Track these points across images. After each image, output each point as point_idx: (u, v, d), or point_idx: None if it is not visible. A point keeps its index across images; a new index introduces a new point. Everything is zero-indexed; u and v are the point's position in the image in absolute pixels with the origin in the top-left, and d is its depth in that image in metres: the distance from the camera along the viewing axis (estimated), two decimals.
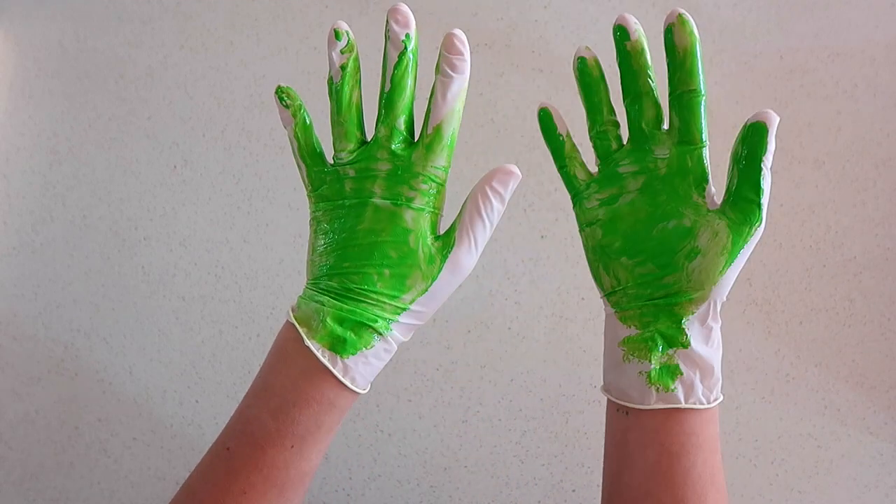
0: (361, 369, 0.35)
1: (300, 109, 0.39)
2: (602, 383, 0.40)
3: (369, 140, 0.37)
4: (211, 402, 0.73)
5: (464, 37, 0.35)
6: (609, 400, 0.39)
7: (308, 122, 0.40)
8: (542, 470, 0.72)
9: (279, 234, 0.73)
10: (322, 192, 0.38)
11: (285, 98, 0.38)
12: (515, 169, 0.36)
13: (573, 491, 0.72)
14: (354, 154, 0.37)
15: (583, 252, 0.41)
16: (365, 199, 0.36)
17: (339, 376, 0.34)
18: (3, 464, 0.72)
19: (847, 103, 0.73)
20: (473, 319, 0.72)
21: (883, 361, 0.72)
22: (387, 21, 0.35)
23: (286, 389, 0.35)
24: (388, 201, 0.36)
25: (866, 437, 0.71)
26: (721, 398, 0.36)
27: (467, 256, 0.36)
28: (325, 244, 0.37)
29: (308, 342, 0.35)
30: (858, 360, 0.72)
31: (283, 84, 0.39)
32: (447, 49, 0.35)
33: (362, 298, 0.35)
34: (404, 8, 0.35)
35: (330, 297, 0.35)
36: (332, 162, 0.38)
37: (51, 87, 0.75)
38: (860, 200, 0.73)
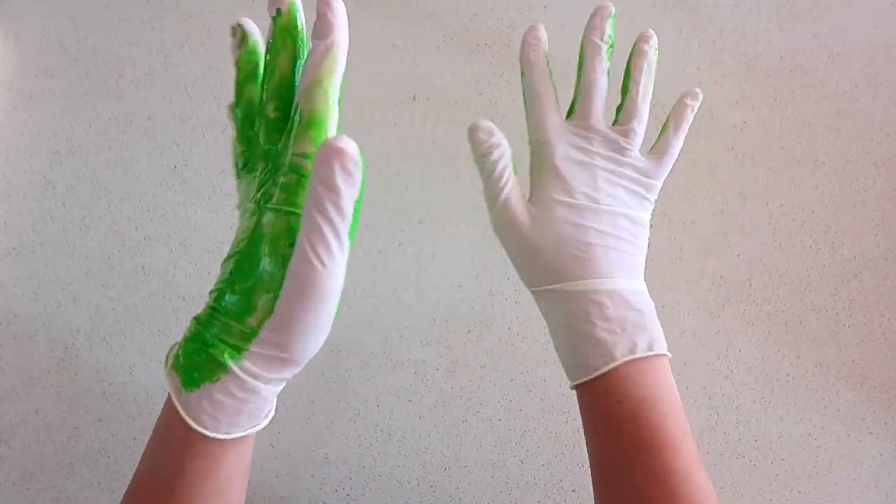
0: (205, 406, 0.30)
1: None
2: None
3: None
4: None
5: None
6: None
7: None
8: (542, 470, 0.72)
9: None
10: (247, 188, 0.34)
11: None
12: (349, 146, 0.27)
13: (573, 491, 0.72)
14: (245, 156, 0.34)
15: None
16: (244, 202, 0.33)
17: (181, 411, 0.30)
18: (3, 464, 0.72)
19: (847, 103, 0.73)
20: (473, 319, 0.72)
21: (883, 361, 0.72)
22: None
23: (157, 428, 0.32)
24: (255, 204, 0.31)
25: (866, 437, 0.71)
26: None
27: (307, 266, 0.28)
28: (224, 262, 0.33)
29: (165, 371, 0.31)
30: (858, 360, 0.72)
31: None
32: (317, 11, 0.29)
33: (212, 320, 0.30)
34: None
35: (195, 320, 0.32)
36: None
37: (51, 87, 0.75)
38: (860, 200, 0.73)
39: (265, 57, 0.32)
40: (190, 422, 0.30)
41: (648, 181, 0.43)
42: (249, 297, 0.29)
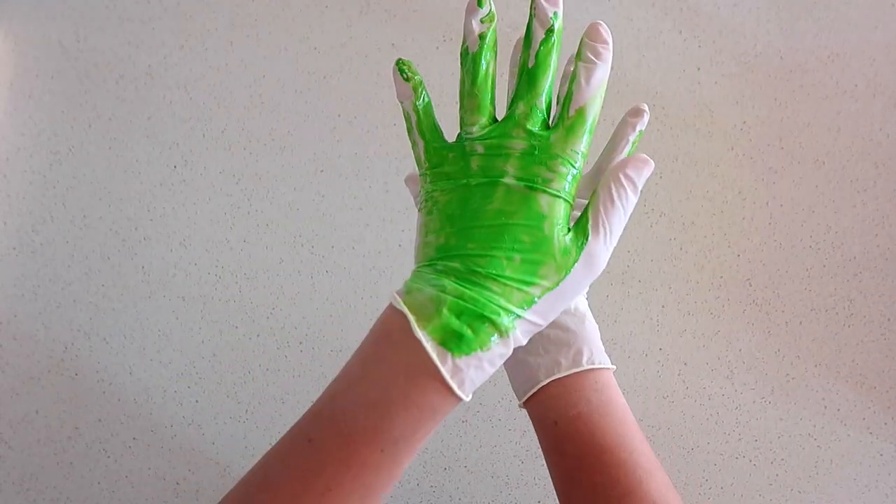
0: (472, 374, 0.31)
1: (421, 84, 0.36)
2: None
3: (501, 119, 0.34)
4: (211, 402, 0.73)
5: (607, 27, 0.33)
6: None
7: (428, 97, 0.36)
8: (542, 470, 0.72)
9: (279, 234, 0.73)
10: (442, 170, 0.34)
11: (406, 71, 0.35)
12: (649, 159, 0.33)
13: None
14: (486, 129, 0.33)
15: None
16: (495, 177, 0.32)
17: (447, 377, 0.30)
18: (3, 464, 0.72)
19: (847, 103, 0.73)
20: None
21: (883, 361, 0.72)
22: None
23: (387, 385, 0.31)
24: (523, 183, 0.32)
25: (866, 437, 0.71)
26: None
27: (603, 249, 0.32)
28: (443, 224, 0.33)
29: (418, 332, 0.30)
30: (858, 360, 0.72)
31: (402, 58, 0.37)
32: (591, 37, 0.33)
33: (488, 284, 0.31)
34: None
35: (451, 279, 0.31)
36: (455, 140, 0.35)
37: (51, 87, 0.75)
38: (860, 200, 0.73)
39: (536, 51, 0.33)
40: (457, 390, 0.30)
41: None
42: (536, 268, 0.31)
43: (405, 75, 0.35)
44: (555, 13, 0.32)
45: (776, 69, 0.74)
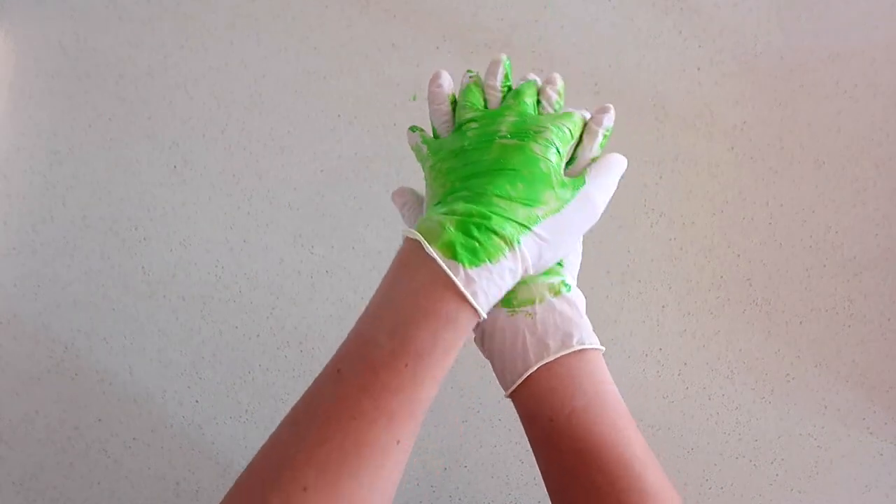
0: (484, 285, 0.32)
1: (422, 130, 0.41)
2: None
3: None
4: (211, 402, 0.73)
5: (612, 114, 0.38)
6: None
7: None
8: None
9: (279, 234, 0.73)
10: (441, 147, 0.38)
11: (417, 129, 0.41)
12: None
13: None
14: (479, 112, 0.38)
15: (584, 250, 0.41)
16: (490, 137, 0.36)
17: (461, 286, 0.32)
18: (3, 464, 0.72)
19: (847, 103, 0.73)
20: None
21: (883, 361, 0.72)
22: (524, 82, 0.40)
23: (404, 303, 0.32)
24: (515, 138, 0.35)
25: (866, 437, 0.71)
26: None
27: (598, 194, 0.36)
28: (446, 177, 0.36)
29: (429, 249, 0.32)
30: (858, 360, 0.72)
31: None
32: (600, 109, 0.37)
33: (495, 200, 0.33)
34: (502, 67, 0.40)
35: (460, 203, 0.34)
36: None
37: (51, 87, 0.75)
38: (860, 200, 0.73)
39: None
40: (470, 298, 0.32)
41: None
42: (537, 192, 0.34)
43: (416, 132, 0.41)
44: (506, 75, 0.40)
45: (776, 69, 0.74)
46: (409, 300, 0.32)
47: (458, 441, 0.72)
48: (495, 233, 0.33)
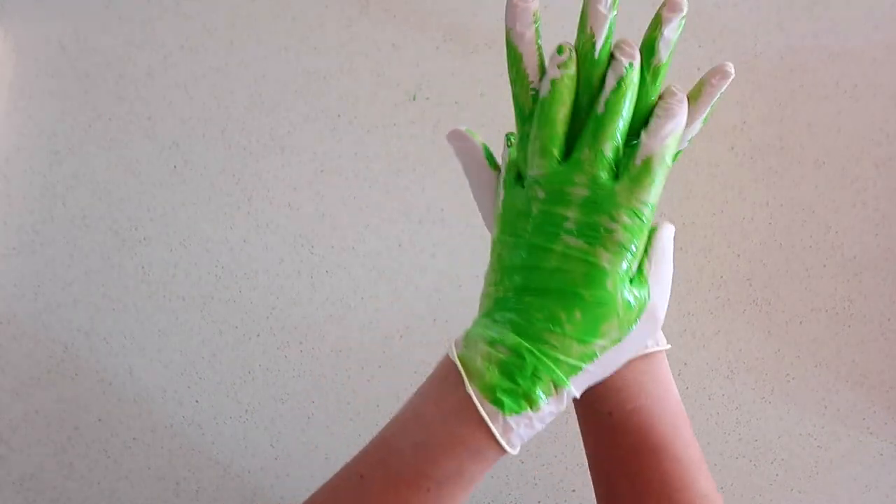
0: (522, 431, 0.30)
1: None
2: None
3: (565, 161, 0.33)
4: (211, 402, 0.73)
5: (680, 88, 0.33)
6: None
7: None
8: (542, 470, 0.72)
9: (279, 234, 0.73)
10: (510, 208, 0.34)
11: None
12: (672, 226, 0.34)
13: (573, 491, 0.72)
14: (549, 172, 0.32)
15: None
16: (554, 229, 0.31)
17: (498, 435, 0.30)
18: (3, 464, 0.72)
19: (847, 103, 0.73)
20: (473, 319, 0.72)
21: (883, 361, 0.72)
22: (615, 45, 0.33)
23: (434, 425, 0.31)
24: (581, 239, 0.31)
25: (866, 437, 0.71)
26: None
27: (662, 302, 0.32)
28: (502, 278, 0.33)
29: (469, 389, 0.30)
30: (858, 360, 0.72)
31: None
32: (666, 93, 0.33)
33: (546, 337, 0.30)
34: (630, 42, 0.32)
35: (509, 330, 0.31)
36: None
37: (51, 87, 0.75)
38: (860, 200, 0.73)
39: (607, 98, 0.32)
40: (504, 445, 0.30)
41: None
42: (598, 324, 0.30)
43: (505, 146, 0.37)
44: (630, 64, 0.32)
45: (776, 69, 0.74)
46: (439, 420, 0.31)
47: None
48: (541, 379, 0.30)
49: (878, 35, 0.73)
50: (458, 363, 0.31)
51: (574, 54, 0.33)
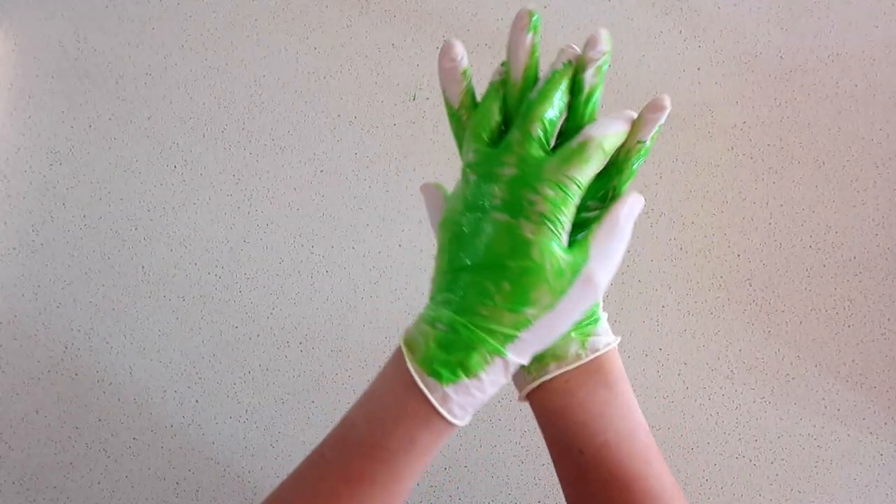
0: (462, 399, 0.32)
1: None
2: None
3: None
4: (211, 402, 0.73)
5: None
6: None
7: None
8: (541, 470, 0.72)
9: (279, 234, 0.73)
10: (450, 206, 0.35)
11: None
12: (641, 197, 0.34)
13: None
14: (481, 152, 0.34)
15: None
16: (482, 207, 0.33)
17: (436, 403, 0.32)
18: (3, 464, 0.72)
19: (847, 103, 0.73)
20: None
21: (883, 361, 0.72)
22: (560, 48, 0.34)
23: (386, 399, 0.33)
24: (506, 212, 0.32)
25: (866, 437, 0.71)
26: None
27: (602, 272, 0.32)
28: (440, 261, 0.35)
29: (410, 366, 0.32)
30: (858, 360, 0.72)
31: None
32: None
33: (478, 309, 0.32)
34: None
35: (446, 310, 0.33)
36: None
37: (51, 87, 0.75)
38: (860, 200, 0.73)
39: (541, 87, 0.33)
40: (445, 414, 0.32)
41: None
42: (526, 292, 0.31)
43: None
44: (568, 61, 0.33)
45: (776, 69, 0.74)
46: (391, 394, 0.33)
47: (458, 441, 0.72)
48: (474, 349, 0.32)
49: (878, 35, 0.73)
50: (401, 343, 0.33)
51: (509, 69, 0.34)
